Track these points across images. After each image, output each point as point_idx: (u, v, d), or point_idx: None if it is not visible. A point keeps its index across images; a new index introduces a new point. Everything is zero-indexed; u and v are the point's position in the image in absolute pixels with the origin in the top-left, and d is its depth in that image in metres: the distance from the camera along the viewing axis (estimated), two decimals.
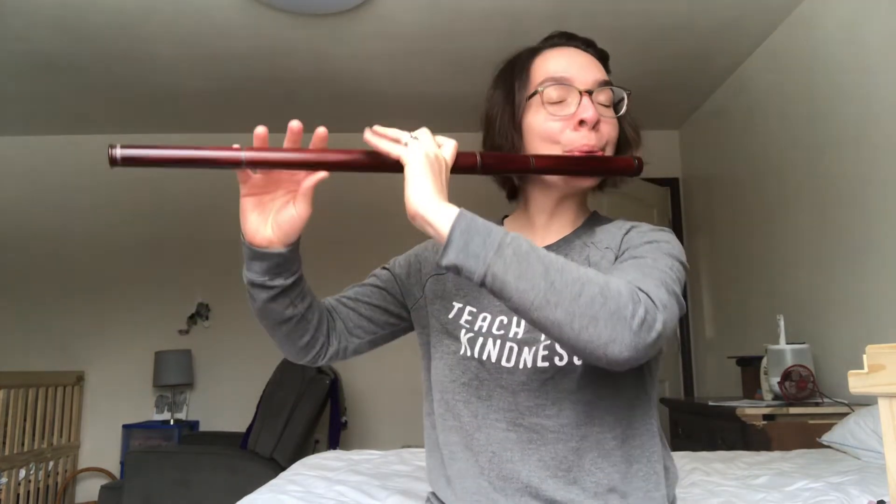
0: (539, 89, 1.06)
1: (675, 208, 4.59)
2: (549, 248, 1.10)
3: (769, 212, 3.35)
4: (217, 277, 4.41)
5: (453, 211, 0.86)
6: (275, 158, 0.90)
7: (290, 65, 3.58)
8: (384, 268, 1.19)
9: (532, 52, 1.13)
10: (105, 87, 3.82)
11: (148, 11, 3.02)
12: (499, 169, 1.05)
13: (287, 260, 0.98)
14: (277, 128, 0.93)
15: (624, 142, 1.12)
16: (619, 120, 1.10)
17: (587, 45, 1.13)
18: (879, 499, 1.43)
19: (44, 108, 4.14)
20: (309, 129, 0.94)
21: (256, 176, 0.94)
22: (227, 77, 3.72)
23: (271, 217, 0.96)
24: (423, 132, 0.94)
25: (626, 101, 1.10)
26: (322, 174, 0.94)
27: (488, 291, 0.85)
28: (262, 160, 0.89)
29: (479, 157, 1.00)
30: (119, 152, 0.84)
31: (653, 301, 0.85)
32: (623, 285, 0.85)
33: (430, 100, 4.05)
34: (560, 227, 1.12)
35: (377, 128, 0.94)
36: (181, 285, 4.48)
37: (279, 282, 0.98)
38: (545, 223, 1.12)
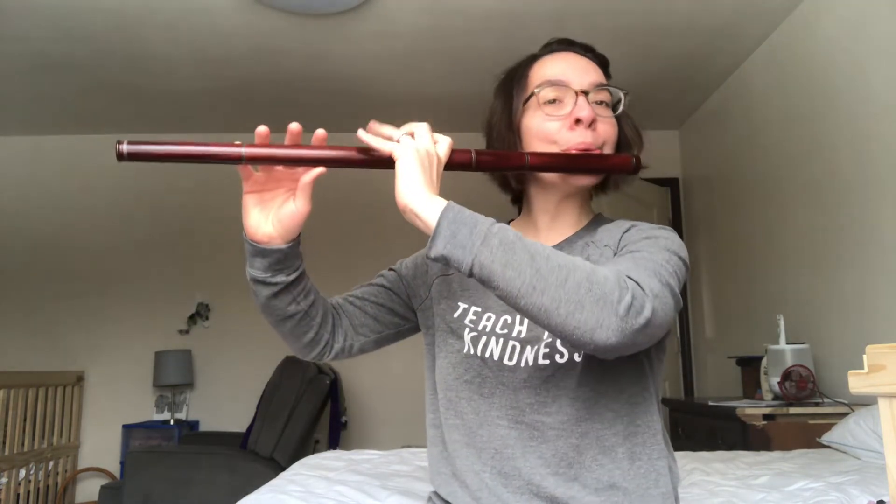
0: (535, 91, 1.08)
1: (674, 208, 4.59)
2: None
3: (769, 212, 3.35)
4: (217, 277, 4.41)
5: (441, 203, 0.88)
6: (274, 154, 0.93)
7: (290, 65, 3.58)
8: (391, 269, 1.21)
9: (531, 59, 1.15)
10: (105, 87, 3.82)
11: (148, 12, 3.02)
12: (494, 166, 1.06)
13: (288, 256, 1.00)
14: (277, 128, 0.95)
15: (624, 142, 1.12)
16: (618, 120, 1.11)
17: (586, 51, 1.14)
18: (879, 499, 1.43)
19: (44, 108, 4.14)
20: (308, 130, 0.97)
21: (258, 173, 0.97)
22: (227, 77, 3.71)
23: (272, 213, 0.99)
24: (422, 127, 0.96)
25: (623, 101, 1.11)
26: (320, 170, 0.97)
27: (477, 280, 0.87)
28: (262, 156, 0.93)
29: (473, 155, 1.02)
30: (126, 147, 0.90)
31: (641, 288, 0.87)
32: (610, 272, 0.86)
33: (430, 100, 4.05)
34: (563, 228, 1.12)
35: (372, 125, 0.97)
36: (181, 285, 4.48)
37: (281, 278, 1.01)
38: (548, 224, 1.13)
